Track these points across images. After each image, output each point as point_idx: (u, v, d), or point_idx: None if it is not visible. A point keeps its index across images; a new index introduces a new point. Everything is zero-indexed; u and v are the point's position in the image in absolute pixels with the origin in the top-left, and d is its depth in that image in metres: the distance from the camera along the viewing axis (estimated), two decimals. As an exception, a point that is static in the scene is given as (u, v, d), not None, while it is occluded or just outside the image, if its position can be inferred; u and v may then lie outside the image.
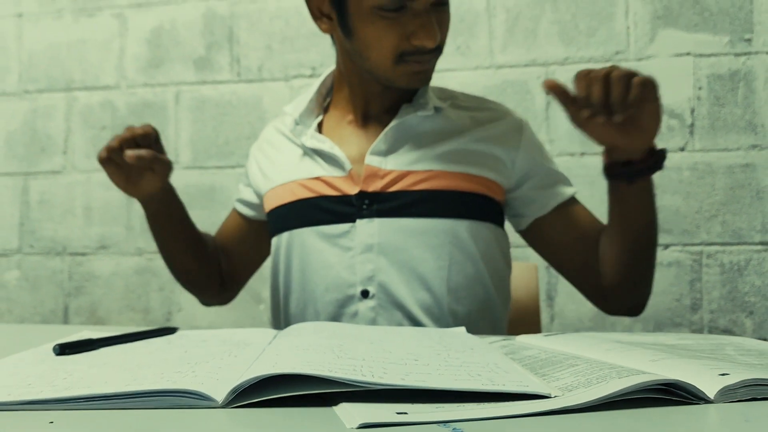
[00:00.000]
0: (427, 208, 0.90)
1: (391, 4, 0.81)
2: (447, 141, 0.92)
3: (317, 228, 0.92)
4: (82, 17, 1.88)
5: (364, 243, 0.89)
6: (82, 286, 1.84)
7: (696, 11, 1.60)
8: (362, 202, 0.90)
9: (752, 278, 1.57)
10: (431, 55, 0.87)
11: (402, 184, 0.90)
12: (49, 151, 1.88)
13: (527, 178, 0.96)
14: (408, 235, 0.89)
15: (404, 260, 0.89)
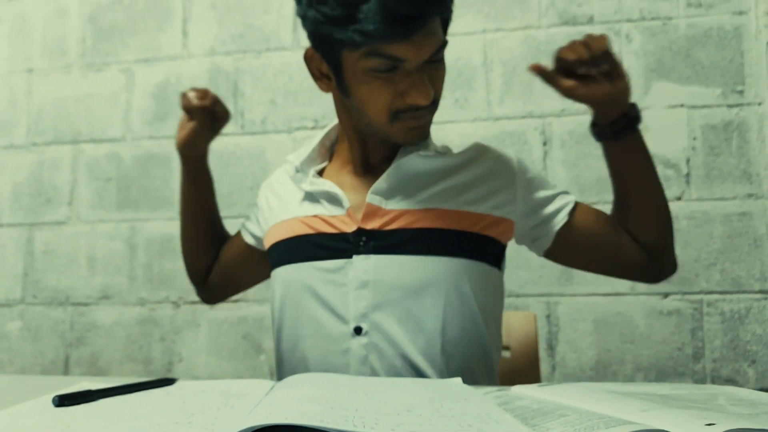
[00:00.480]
0: (423, 246, 0.90)
1: (383, 66, 0.83)
2: (447, 179, 0.94)
3: (313, 263, 0.93)
4: (90, 72, 1.94)
5: (359, 279, 0.90)
6: (84, 337, 1.84)
7: (688, 65, 1.65)
8: (359, 239, 0.91)
9: (753, 327, 1.57)
10: (426, 111, 0.88)
11: (400, 223, 0.91)
12: (54, 202, 1.91)
13: (534, 200, 0.97)
14: (403, 272, 0.89)
15: (398, 298, 0.89)
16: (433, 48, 0.83)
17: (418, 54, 0.82)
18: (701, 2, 1.66)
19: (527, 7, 1.73)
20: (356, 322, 0.89)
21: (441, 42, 0.84)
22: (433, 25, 0.82)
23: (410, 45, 0.81)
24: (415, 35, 0.80)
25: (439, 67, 0.88)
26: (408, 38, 0.80)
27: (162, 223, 1.84)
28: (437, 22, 0.83)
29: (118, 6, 1.95)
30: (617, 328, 1.60)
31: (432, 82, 0.86)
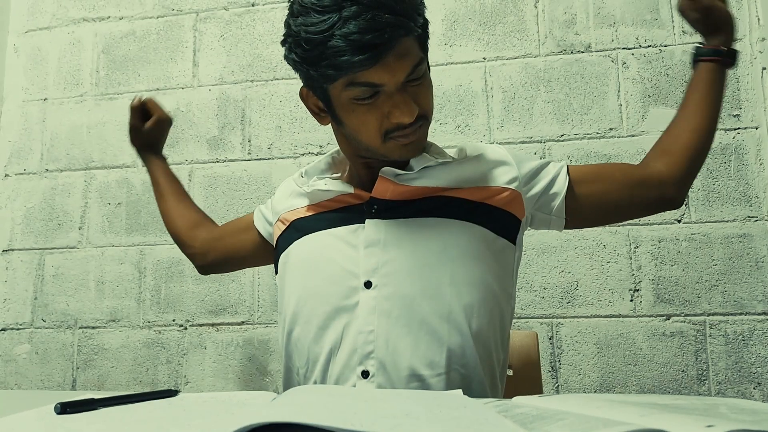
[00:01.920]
0: (432, 211, 0.93)
1: (364, 93, 0.86)
2: (456, 168, 0.97)
3: (326, 231, 0.96)
4: (103, 101, 2.00)
5: (370, 238, 0.92)
6: (91, 359, 1.86)
7: (684, 89, 1.68)
8: (371, 207, 0.94)
9: (758, 348, 1.57)
10: (414, 127, 0.90)
11: (411, 195, 0.94)
12: (65, 227, 1.95)
13: (532, 169, 0.99)
14: (415, 230, 0.92)
15: (408, 254, 0.91)
16: (407, 68, 0.85)
17: (394, 77, 0.85)
18: (696, 30, 1.70)
19: (526, 36, 1.78)
20: (366, 276, 0.90)
21: (416, 61, 0.86)
22: (403, 46, 0.84)
23: (384, 69, 0.83)
24: (386, 59, 0.83)
25: (422, 83, 0.89)
26: (378, 63, 0.82)
27: (170, 247, 1.87)
28: (409, 42, 0.85)
29: (131, 38, 2.01)
30: (620, 350, 1.61)
31: (416, 99, 0.88)
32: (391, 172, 0.95)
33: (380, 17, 0.80)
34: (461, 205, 0.93)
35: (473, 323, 0.89)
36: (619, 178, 1.01)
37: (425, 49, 0.90)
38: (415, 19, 0.85)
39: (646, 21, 1.73)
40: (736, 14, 1.68)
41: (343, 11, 0.81)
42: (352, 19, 0.80)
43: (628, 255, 1.65)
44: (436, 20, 1.83)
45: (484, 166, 0.98)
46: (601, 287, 1.65)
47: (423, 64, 0.88)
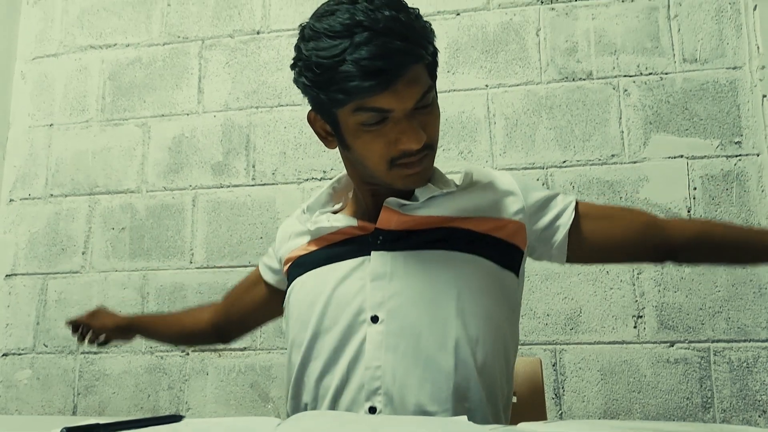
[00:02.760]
0: (438, 243, 0.92)
1: (372, 119, 0.86)
2: (462, 197, 0.97)
3: (332, 266, 0.95)
4: (108, 127, 2.02)
5: (376, 272, 0.91)
6: (92, 385, 1.85)
7: (686, 117, 1.70)
8: (377, 238, 0.94)
9: (762, 376, 1.56)
10: (420, 155, 0.90)
11: (416, 226, 0.94)
12: (69, 252, 1.95)
13: (539, 201, 0.99)
14: (421, 262, 0.91)
15: (414, 288, 0.90)
16: (416, 95, 0.85)
17: (402, 103, 0.85)
18: (696, 58, 1.72)
19: (528, 64, 1.80)
20: (373, 311, 0.89)
21: (425, 88, 0.86)
22: (413, 73, 0.84)
23: (393, 96, 0.84)
24: (396, 86, 0.83)
25: (431, 111, 0.89)
26: (388, 89, 0.83)
27: (173, 272, 1.87)
28: (419, 69, 0.86)
29: (137, 65, 2.04)
30: (624, 377, 1.60)
31: (424, 127, 0.88)
32: (396, 202, 0.94)
33: (391, 44, 0.82)
34: (467, 237, 0.93)
35: (479, 358, 0.89)
36: (627, 217, 1.01)
37: (434, 77, 0.91)
38: (425, 46, 0.86)
39: (647, 49, 1.75)
40: (736, 43, 1.71)
41: (355, 37, 0.82)
42: (364, 45, 0.81)
43: (631, 281, 1.65)
44: (439, 48, 1.85)
45: (491, 195, 0.98)
46: (605, 313, 1.65)
47: (432, 92, 0.89)
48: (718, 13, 1.73)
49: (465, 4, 1.87)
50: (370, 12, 0.83)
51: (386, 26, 0.82)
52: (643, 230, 1.00)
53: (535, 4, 1.83)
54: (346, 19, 0.83)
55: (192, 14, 2.04)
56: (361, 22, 0.82)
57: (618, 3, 1.78)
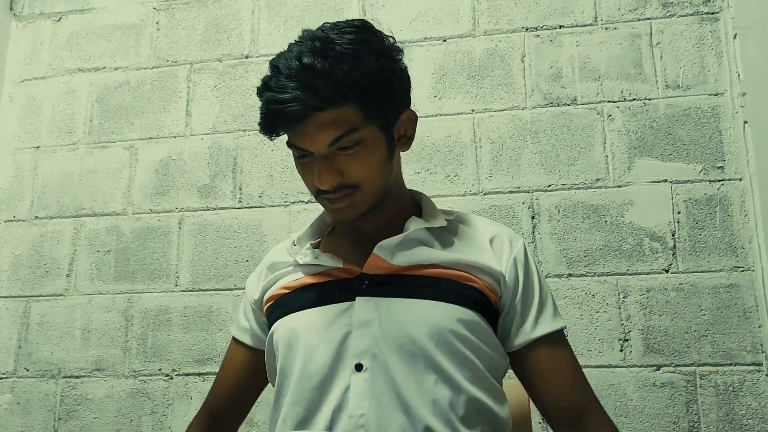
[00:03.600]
0: (424, 292, 0.91)
1: (297, 153, 0.91)
2: (452, 250, 0.96)
3: (315, 309, 0.93)
4: (95, 149, 2.01)
5: (361, 319, 0.90)
6: (74, 410, 1.82)
7: (669, 142, 1.72)
8: (362, 283, 0.93)
9: (748, 400, 1.56)
10: (339, 194, 0.90)
11: (405, 271, 0.93)
12: (53, 274, 1.94)
13: (515, 295, 0.97)
14: (406, 311, 0.90)
15: (399, 336, 0.89)
16: (327, 139, 0.86)
17: (313, 145, 0.87)
18: (679, 84, 1.75)
19: (513, 89, 1.82)
20: (357, 359, 0.89)
21: (342, 132, 0.86)
22: (323, 118, 0.85)
23: (303, 137, 0.87)
24: (305, 127, 0.86)
25: (355, 152, 0.88)
26: (300, 131, 0.86)
27: (158, 295, 1.86)
28: (333, 114, 0.85)
29: (126, 87, 2.04)
30: (610, 400, 1.60)
31: (344, 167, 0.88)
32: (384, 246, 0.94)
33: (290, 92, 0.84)
34: (452, 286, 0.92)
35: (461, 409, 0.88)
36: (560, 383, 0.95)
37: (370, 116, 0.88)
38: (334, 95, 0.84)
39: (630, 75, 1.78)
40: (717, 70, 1.74)
41: (271, 79, 0.87)
42: (271, 89, 0.86)
43: (617, 304, 1.65)
44: (426, 73, 1.88)
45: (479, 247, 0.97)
46: (591, 337, 1.65)
47: (354, 135, 0.87)
48: (700, 41, 1.77)
49: (451, 31, 1.90)
50: (290, 56, 0.87)
51: (292, 73, 0.84)
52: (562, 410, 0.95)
53: (521, 31, 1.86)
54: (276, 59, 0.89)
55: (181, 38, 2.05)
56: (277, 65, 0.87)
57: (601, 30, 1.82)
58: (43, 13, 2.16)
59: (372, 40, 0.90)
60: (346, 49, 0.86)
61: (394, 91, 0.92)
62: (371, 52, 0.88)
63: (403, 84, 0.95)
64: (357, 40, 0.88)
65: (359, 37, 0.88)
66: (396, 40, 0.96)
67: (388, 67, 0.90)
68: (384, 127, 0.91)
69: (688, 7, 1.79)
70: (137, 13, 2.10)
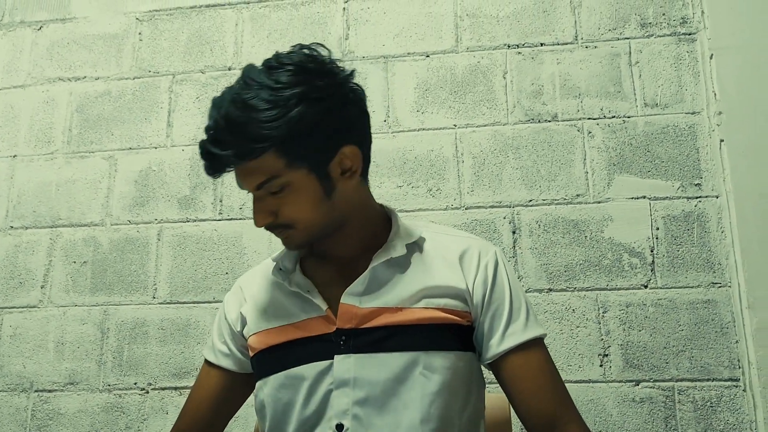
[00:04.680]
0: (399, 343, 0.92)
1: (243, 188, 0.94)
2: (417, 279, 0.97)
3: (297, 369, 0.94)
4: (74, 159, 1.99)
5: (341, 378, 0.91)
6: (46, 425, 1.78)
7: (648, 159, 1.74)
8: (339, 339, 0.93)
9: (726, 415, 1.57)
10: (277, 231, 0.95)
11: (376, 321, 0.94)
12: (27, 286, 1.90)
13: (484, 308, 0.98)
14: (382, 369, 0.91)
15: (379, 394, 0.90)
16: (252, 183, 0.90)
17: (244, 185, 0.92)
18: (657, 102, 1.78)
19: (495, 105, 1.84)
20: (338, 418, 0.90)
21: (264, 178, 0.88)
22: (247, 167, 0.88)
23: (238, 177, 0.92)
24: (236, 170, 0.90)
25: (283, 197, 0.91)
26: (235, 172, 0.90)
27: (135, 307, 1.83)
28: (254, 162, 0.87)
29: (106, 97, 2.03)
30: (590, 416, 1.60)
31: (277, 208, 0.92)
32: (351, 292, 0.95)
33: (210, 148, 0.88)
34: (425, 331, 0.93)
35: None
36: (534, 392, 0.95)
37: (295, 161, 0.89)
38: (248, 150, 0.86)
39: (610, 93, 1.80)
40: (694, 89, 1.77)
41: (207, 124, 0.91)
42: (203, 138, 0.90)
43: (597, 319, 1.66)
44: (408, 88, 1.89)
45: (447, 273, 0.98)
46: (571, 352, 1.65)
47: (277, 181, 0.89)
48: (677, 61, 1.80)
49: (434, 47, 1.91)
50: (215, 105, 0.91)
51: (213, 126, 0.89)
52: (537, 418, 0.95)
53: (503, 48, 1.88)
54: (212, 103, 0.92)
55: (163, 49, 2.04)
56: (210, 109, 0.91)
57: (582, 49, 1.84)
58: (23, 22, 2.14)
59: (301, 82, 0.88)
60: (264, 99, 0.86)
61: (323, 134, 0.90)
62: (294, 99, 0.86)
63: (342, 121, 0.93)
64: (282, 86, 0.87)
65: (287, 81, 0.87)
66: (345, 68, 0.96)
67: (312, 113, 0.87)
68: (315, 168, 0.91)
69: (666, 28, 1.83)
70: (119, 23, 2.09)
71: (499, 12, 1.91)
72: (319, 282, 0.99)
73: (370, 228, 1.02)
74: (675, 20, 1.83)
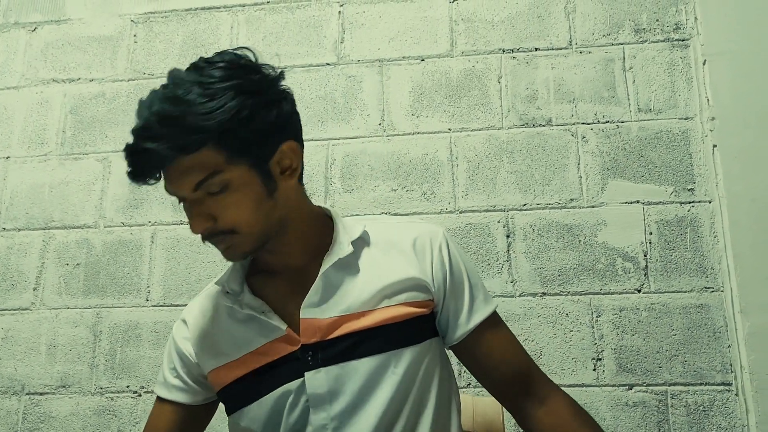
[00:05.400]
0: (368, 347, 0.92)
1: (173, 196, 0.89)
2: (371, 279, 0.95)
3: (269, 396, 0.92)
4: (67, 161, 1.98)
5: (315, 395, 0.90)
6: (36, 428, 1.77)
7: (641, 164, 1.75)
8: (306, 355, 0.91)
9: (718, 419, 1.58)
10: (217, 238, 0.89)
11: (339, 330, 0.92)
12: (19, 288, 1.89)
13: (447, 292, 0.98)
14: (357, 377, 0.91)
15: (356, 405, 0.90)
16: (189, 184, 0.84)
17: (178, 190, 0.86)
18: (651, 108, 1.79)
19: (490, 110, 1.84)
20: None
21: (204, 175, 0.84)
22: (184, 163, 0.83)
23: (169, 182, 0.86)
24: (169, 173, 0.85)
25: (223, 197, 0.86)
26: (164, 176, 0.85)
27: (128, 309, 1.82)
28: (192, 157, 0.83)
29: (100, 99, 2.02)
30: (584, 420, 1.60)
31: (216, 212, 0.86)
32: (309, 304, 0.93)
33: (141, 145, 0.83)
34: (391, 332, 0.93)
35: None
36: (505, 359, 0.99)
37: (235, 156, 0.86)
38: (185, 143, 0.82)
39: (604, 98, 1.81)
40: (687, 94, 1.78)
41: (133, 127, 0.86)
42: (130, 138, 0.85)
43: (590, 323, 1.66)
44: (403, 92, 1.89)
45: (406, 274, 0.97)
46: (564, 356, 1.65)
47: (218, 177, 0.85)
48: (671, 67, 1.81)
49: (429, 51, 1.92)
50: (144, 104, 0.86)
51: (142, 126, 0.84)
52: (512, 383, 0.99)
53: (497, 52, 1.89)
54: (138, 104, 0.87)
55: (158, 51, 2.04)
56: (137, 111, 0.86)
57: (576, 54, 1.85)
58: (18, 23, 2.13)
59: (234, 76, 0.86)
60: (198, 93, 0.83)
61: (261, 127, 0.87)
62: (229, 92, 0.84)
63: (279, 117, 0.90)
64: (216, 80, 0.85)
65: (221, 75, 0.86)
66: (275, 68, 0.94)
67: (249, 105, 0.85)
68: (256, 165, 0.88)
69: (660, 34, 1.84)
70: (114, 25, 2.08)
71: (494, 17, 1.91)
72: (272, 299, 0.96)
73: (312, 231, 0.99)
74: (668, 26, 1.84)
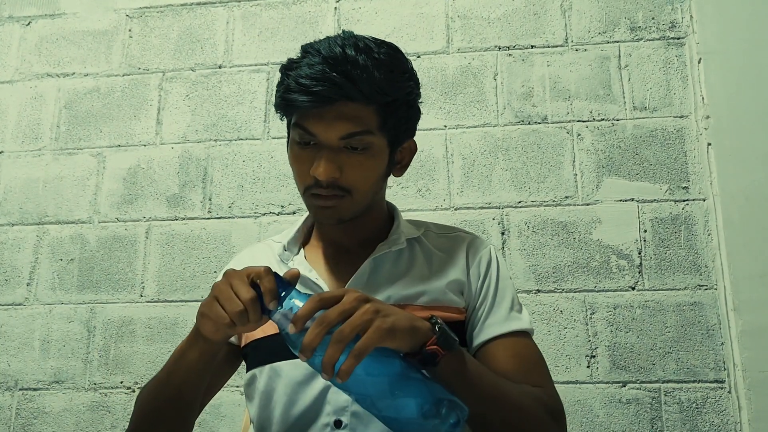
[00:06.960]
0: None
1: (302, 138, 0.90)
2: (418, 274, 0.97)
3: (291, 362, 0.92)
4: (61, 156, 1.97)
5: None
6: (30, 424, 1.76)
7: (636, 162, 1.75)
8: None
9: (711, 417, 1.58)
10: (330, 192, 0.90)
11: None
12: (12, 283, 1.88)
13: (477, 300, 0.98)
14: None
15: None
16: (342, 131, 0.87)
17: (326, 132, 0.87)
18: (646, 106, 1.79)
19: (485, 107, 1.84)
20: (336, 415, 0.88)
21: (358, 129, 0.87)
22: (347, 109, 0.86)
23: (320, 122, 0.87)
24: (325, 113, 0.86)
25: (360, 155, 0.89)
26: (317, 114, 0.87)
27: (122, 305, 1.82)
28: (357, 108, 0.87)
29: (95, 94, 2.01)
30: (577, 416, 1.60)
31: (345, 168, 0.89)
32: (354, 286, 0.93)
33: (329, 74, 0.85)
34: None
35: None
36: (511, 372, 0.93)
37: (385, 127, 0.90)
38: (368, 91, 0.86)
39: (599, 96, 1.81)
40: (682, 93, 1.78)
41: (306, 58, 0.88)
42: (307, 66, 0.87)
43: (584, 321, 1.67)
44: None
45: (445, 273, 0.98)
46: (559, 353, 1.66)
47: (367, 137, 0.88)
48: (666, 65, 1.81)
49: (425, 48, 1.91)
50: (333, 43, 0.89)
51: (335, 58, 0.86)
52: None
53: (493, 50, 1.89)
54: (314, 44, 0.90)
55: (154, 46, 2.03)
56: (318, 48, 0.88)
57: (572, 51, 1.85)
58: (12, 17, 2.12)
59: (405, 61, 0.94)
60: (385, 58, 0.89)
61: (410, 115, 0.95)
62: (405, 72, 0.92)
63: (417, 114, 0.98)
64: (394, 57, 0.92)
65: (396, 56, 0.92)
66: None
67: (414, 92, 0.94)
68: (391, 144, 0.93)
69: (655, 32, 1.84)
70: (109, 19, 2.08)
71: (490, 14, 1.91)
72: (321, 271, 0.99)
73: (379, 220, 1.04)
74: (664, 24, 1.84)
